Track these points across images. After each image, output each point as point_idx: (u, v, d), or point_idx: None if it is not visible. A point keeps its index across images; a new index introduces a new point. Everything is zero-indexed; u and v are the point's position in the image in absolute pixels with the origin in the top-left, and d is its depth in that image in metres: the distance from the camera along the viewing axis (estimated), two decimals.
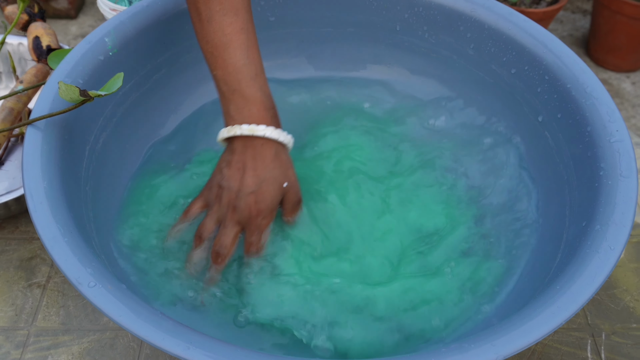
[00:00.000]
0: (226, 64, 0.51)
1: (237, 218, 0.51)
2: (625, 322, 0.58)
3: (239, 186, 0.51)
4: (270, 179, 0.51)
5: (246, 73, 0.51)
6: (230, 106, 0.52)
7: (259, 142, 0.51)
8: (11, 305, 0.57)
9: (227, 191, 0.51)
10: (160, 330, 0.39)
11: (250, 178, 0.51)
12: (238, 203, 0.51)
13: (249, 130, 0.51)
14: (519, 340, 0.38)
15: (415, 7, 0.65)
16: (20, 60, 0.76)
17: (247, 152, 0.51)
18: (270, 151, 0.52)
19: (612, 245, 0.44)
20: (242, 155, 0.51)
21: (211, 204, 0.53)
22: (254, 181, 0.51)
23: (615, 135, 0.51)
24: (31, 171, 0.46)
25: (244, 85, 0.51)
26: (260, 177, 0.51)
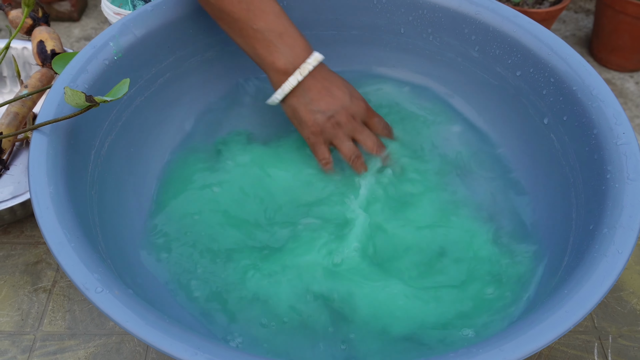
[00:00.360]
0: (266, 13, 0.55)
1: (360, 120, 0.59)
2: (632, 324, 0.58)
3: (340, 102, 0.57)
4: (344, 82, 0.59)
5: (285, 16, 0.56)
6: (282, 49, 0.55)
7: (320, 68, 0.57)
8: (17, 310, 0.57)
9: (338, 114, 0.57)
10: (168, 335, 0.39)
11: (340, 93, 0.57)
12: (353, 111, 0.58)
13: (315, 61, 0.56)
14: (527, 345, 0.38)
15: (419, 10, 0.65)
16: (24, 64, 0.77)
17: (319, 79, 0.57)
18: (326, 67, 0.58)
19: (620, 249, 0.43)
20: (319, 84, 0.56)
21: (335, 134, 0.58)
22: (344, 92, 0.58)
23: (622, 137, 0.51)
24: (37, 176, 0.46)
25: (287, 26, 0.56)
26: (341, 85, 0.58)
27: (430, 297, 0.52)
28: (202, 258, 0.55)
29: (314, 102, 0.56)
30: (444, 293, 0.52)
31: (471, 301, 0.52)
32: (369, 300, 0.51)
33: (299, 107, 0.57)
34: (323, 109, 0.56)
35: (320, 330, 0.51)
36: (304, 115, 0.57)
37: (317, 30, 0.68)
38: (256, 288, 0.52)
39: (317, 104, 0.56)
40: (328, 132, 0.58)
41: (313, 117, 0.57)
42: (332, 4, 0.67)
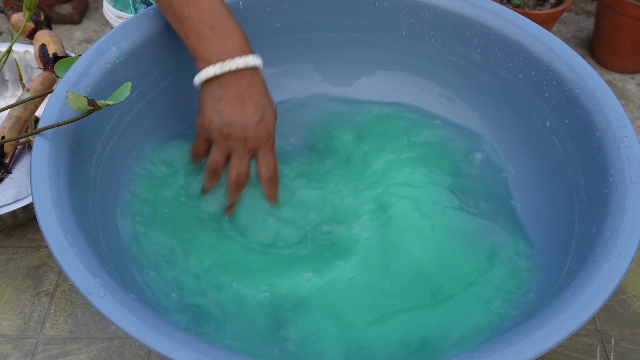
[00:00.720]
0: (200, 2, 0.53)
1: (250, 147, 0.55)
2: (635, 327, 0.57)
3: (245, 118, 0.54)
4: (267, 104, 0.55)
5: (222, 8, 0.54)
6: (212, 42, 0.53)
7: (249, 73, 0.54)
8: (19, 314, 0.57)
9: (234, 127, 0.54)
10: (171, 340, 0.39)
11: (252, 108, 0.54)
12: (249, 134, 0.54)
13: (244, 63, 0.53)
14: (529, 349, 0.38)
15: (421, 13, 0.65)
16: (26, 68, 0.77)
17: (241, 85, 0.53)
18: (259, 78, 0.55)
19: (622, 253, 0.43)
20: (236, 89, 0.53)
21: (217, 141, 0.55)
22: (257, 109, 0.54)
23: (625, 141, 0.50)
24: (39, 181, 0.46)
25: (223, 20, 0.53)
26: (260, 104, 0.54)
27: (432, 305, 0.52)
28: (204, 260, 0.55)
29: (221, 102, 0.54)
30: (449, 300, 0.52)
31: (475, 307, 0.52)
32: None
33: (206, 99, 0.55)
34: (225, 114, 0.54)
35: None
36: (205, 108, 0.55)
37: (319, 33, 0.68)
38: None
39: (222, 106, 0.54)
40: (214, 135, 0.55)
41: (211, 114, 0.54)
42: (334, 7, 0.67)
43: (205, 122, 0.55)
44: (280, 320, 0.51)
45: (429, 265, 0.55)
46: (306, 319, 0.51)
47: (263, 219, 0.59)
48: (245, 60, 0.53)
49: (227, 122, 0.54)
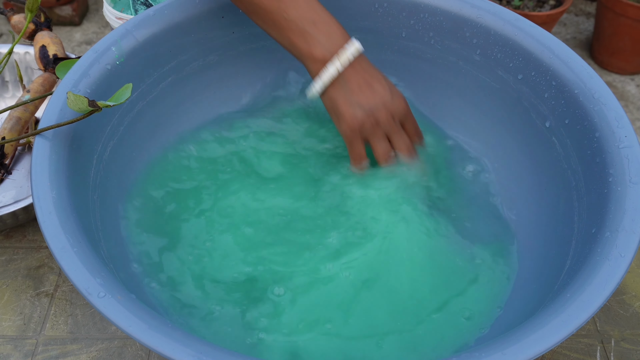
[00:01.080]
0: (296, 1, 0.53)
1: (399, 120, 0.56)
2: (635, 328, 0.57)
3: (381, 99, 0.54)
4: (386, 79, 0.56)
5: (317, 4, 0.54)
6: (318, 37, 0.53)
7: (360, 59, 0.54)
8: (19, 315, 0.57)
9: (378, 111, 0.54)
10: (171, 340, 0.39)
11: (380, 86, 0.55)
12: (391, 109, 0.55)
13: (356, 50, 0.54)
14: (529, 349, 0.38)
15: (421, 14, 0.65)
16: (26, 69, 0.77)
17: (358, 70, 0.54)
18: (368, 62, 0.56)
19: (622, 253, 0.43)
20: (357, 76, 0.54)
21: (373, 133, 0.55)
22: (385, 87, 0.55)
23: (624, 141, 0.51)
24: (40, 181, 0.46)
25: (320, 13, 0.54)
26: (382, 79, 0.56)
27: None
28: (204, 261, 0.55)
29: (354, 94, 0.54)
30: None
31: (476, 304, 0.52)
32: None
33: (338, 99, 0.54)
34: (363, 104, 0.54)
35: None
36: (342, 109, 0.54)
37: None
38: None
39: (357, 97, 0.54)
40: (366, 129, 0.55)
41: (352, 111, 0.54)
42: (333, 8, 0.66)
43: (351, 123, 0.55)
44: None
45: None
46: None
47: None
48: (355, 47, 0.54)
49: (370, 110, 0.54)
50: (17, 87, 0.78)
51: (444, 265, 0.54)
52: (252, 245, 0.55)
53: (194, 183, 0.61)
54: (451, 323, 0.51)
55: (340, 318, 0.50)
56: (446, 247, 0.56)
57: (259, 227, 0.57)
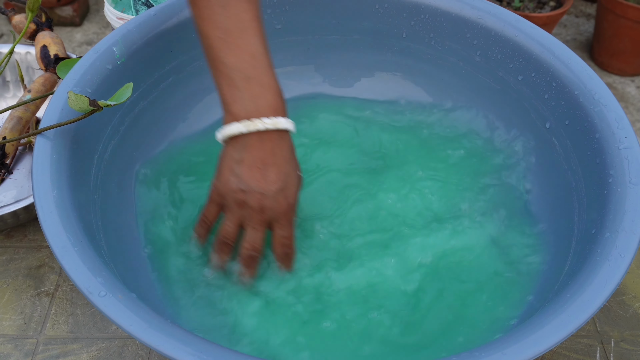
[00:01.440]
0: (241, 50, 0.48)
1: (266, 218, 0.49)
2: (635, 328, 0.58)
3: (264, 186, 0.48)
4: (291, 171, 0.50)
5: (264, 60, 0.48)
6: (244, 95, 0.48)
7: (277, 135, 0.48)
8: (20, 314, 0.57)
9: (251, 195, 0.48)
10: (172, 338, 0.39)
11: (274, 175, 0.48)
12: (266, 203, 0.48)
13: (273, 125, 0.47)
14: (529, 349, 0.38)
15: (421, 14, 0.65)
16: (28, 69, 0.77)
17: (266, 148, 0.48)
18: (287, 142, 0.49)
19: (622, 253, 0.43)
20: (260, 152, 0.48)
21: (231, 208, 0.50)
22: (279, 177, 0.48)
23: (624, 142, 0.51)
24: (41, 181, 0.46)
25: (261, 73, 0.48)
26: (283, 171, 0.49)
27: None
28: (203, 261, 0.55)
29: (242, 165, 0.48)
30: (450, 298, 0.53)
31: (472, 307, 0.52)
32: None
33: (225, 159, 0.49)
34: (243, 179, 0.48)
35: None
36: (223, 169, 0.49)
37: (319, 34, 0.69)
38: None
39: (241, 169, 0.48)
40: (228, 200, 0.49)
41: (228, 176, 0.49)
42: (334, 9, 0.67)
43: (220, 185, 0.50)
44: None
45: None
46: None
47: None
48: (275, 122, 0.47)
49: (245, 188, 0.48)
50: (18, 87, 0.78)
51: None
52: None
53: (197, 183, 0.61)
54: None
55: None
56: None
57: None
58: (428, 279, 0.54)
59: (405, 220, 0.58)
